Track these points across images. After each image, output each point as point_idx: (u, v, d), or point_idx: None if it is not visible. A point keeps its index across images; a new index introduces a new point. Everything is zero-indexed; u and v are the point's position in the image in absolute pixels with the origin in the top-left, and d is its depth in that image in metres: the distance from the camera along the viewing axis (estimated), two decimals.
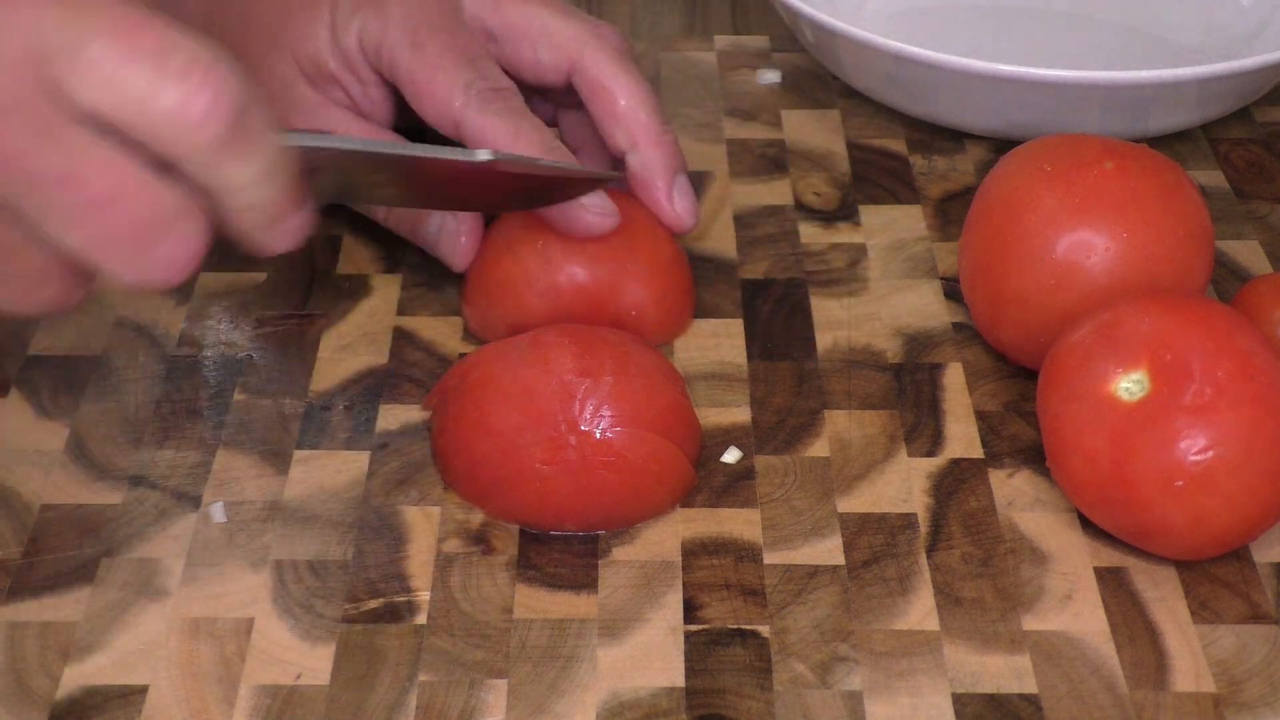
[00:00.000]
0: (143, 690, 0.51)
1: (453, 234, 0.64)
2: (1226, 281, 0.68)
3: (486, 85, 0.62)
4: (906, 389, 0.62)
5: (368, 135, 0.64)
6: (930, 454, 0.60)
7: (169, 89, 0.44)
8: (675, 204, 0.64)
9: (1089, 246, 0.59)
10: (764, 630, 0.53)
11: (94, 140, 0.44)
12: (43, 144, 0.44)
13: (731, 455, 0.59)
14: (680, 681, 0.51)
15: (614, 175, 0.63)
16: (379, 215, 0.67)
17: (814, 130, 0.78)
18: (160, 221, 0.45)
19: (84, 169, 0.44)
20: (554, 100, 0.68)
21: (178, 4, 0.66)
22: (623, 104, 0.64)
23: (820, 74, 0.82)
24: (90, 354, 0.64)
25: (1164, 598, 0.54)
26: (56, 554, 0.55)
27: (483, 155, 0.55)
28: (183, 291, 0.66)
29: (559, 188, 0.61)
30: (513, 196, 0.61)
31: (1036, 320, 0.60)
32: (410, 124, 0.65)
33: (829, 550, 0.56)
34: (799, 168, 0.75)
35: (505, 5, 0.65)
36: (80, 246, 0.45)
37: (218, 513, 0.57)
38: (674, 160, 0.65)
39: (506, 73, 0.64)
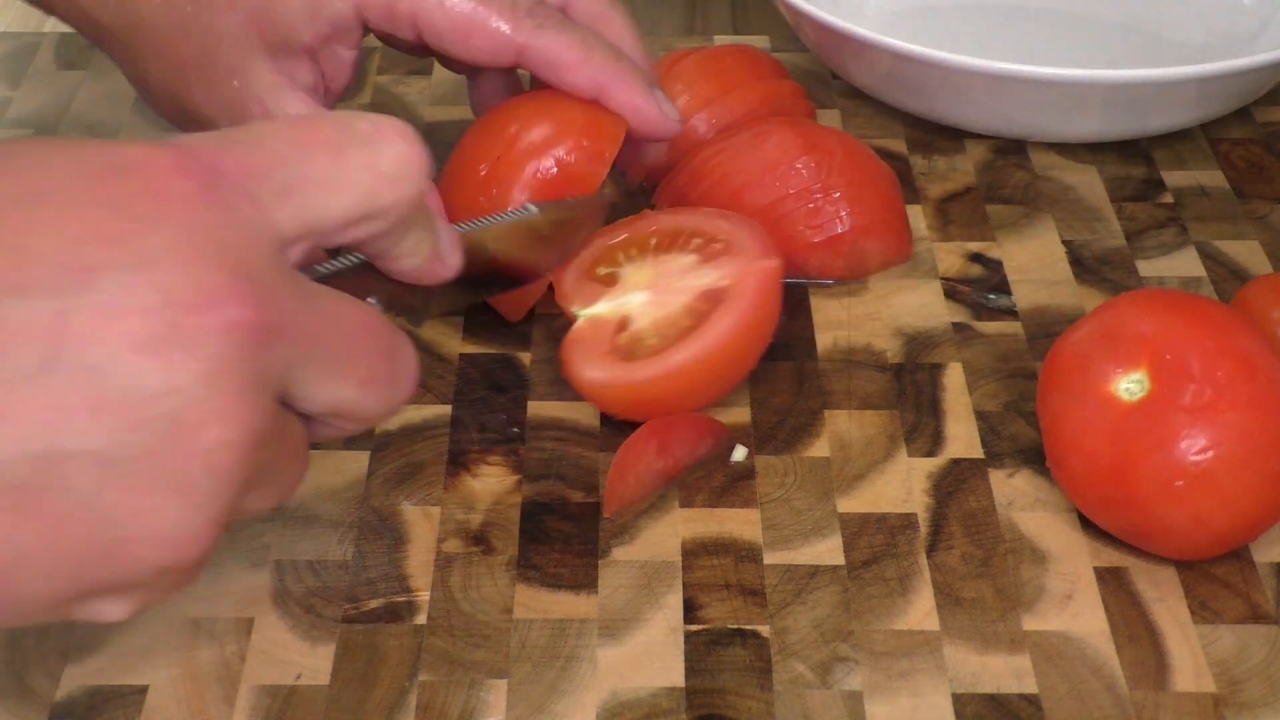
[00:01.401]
0: (143, 690, 0.51)
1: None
2: (1226, 281, 0.68)
3: (530, 2, 0.61)
4: (906, 389, 0.62)
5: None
6: (930, 454, 0.60)
7: (383, 149, 0.44)
8: (661, 107, 0.63)
9: None
10: (764, 630, 0.53)
11: (319, 287, 0.44)
12: (300, 305, 0.43)
13: (740, 453, 0.59)
14: (680, 681, 0.51)
15: (606, 198, 0.63)
16: None
17: None
18: (393, 338, 0.46)
19: (333, 312, 0.44)
20: None
21: None
22: (611, 39, 0.63)
23: (820, 74, 0.82)
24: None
25: (1164, 598, 0.54)
26: None
27: (532, 209, 0.58)
28: None
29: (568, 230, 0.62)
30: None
31: None
32: None
33: (829, 550, 0.56)
34: None
35: None
36: (350, 395, 0.45)
37: None
38: (652, 76, 0.64)
39: None
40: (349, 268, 0.49)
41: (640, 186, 0.73)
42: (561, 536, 0.56)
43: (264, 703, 0.50)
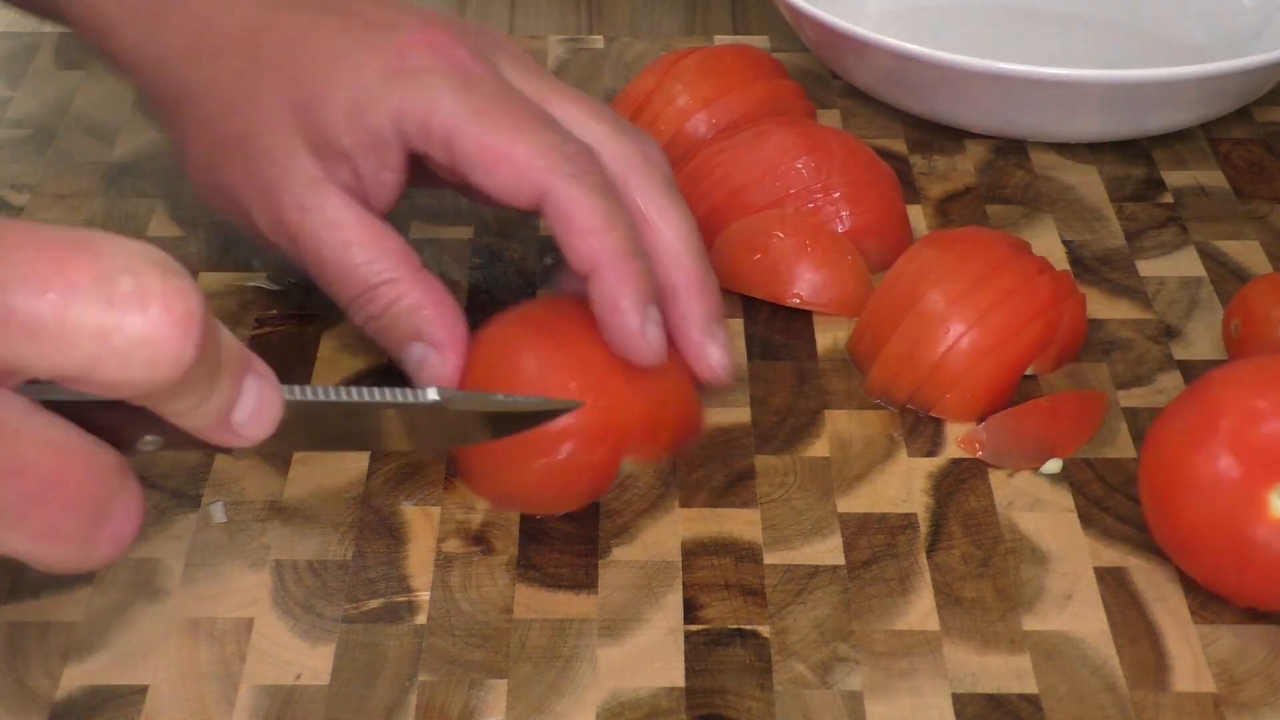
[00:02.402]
0: (143, 690, 0.51)
1: (434, 363, 0.56)
2: (1226, 281, 0.68)
3: (574, 147, 0.55)
4: None
5: (366, 224, 0.57)
6: (930, 454, 0.60)
7: (127, 323, 0.38)
8: (711, 360, 0.57)
9: None
10: (764, 630, 0.53)
11: (30, 416, 0.39)
12: None
13: (1053, 466, 0.59)
14: (680, 681, 0.51)
15: (574, 405, 0.53)
16: (361, 320, 0.58)
17: None
18: (107, 495, 0.41)
19: (29, 455, 0.39)
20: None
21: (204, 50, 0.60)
22: (666, 242, 0.56)
23: (820, 74, 0.82)
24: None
25: (1164, 598, 0.54)
26: None
27: (432, 395, 0.50)
28: None
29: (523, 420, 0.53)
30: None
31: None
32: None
33: (829, 550, 0.56)
34: None
35: (549, 94, 0.58)
36: (23, 543, 0.40)
37: (218, 512, 0.57)
38: (716, 309, 0.57)
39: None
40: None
41: None
42: (561, 536, 0.56)
43: (264, 703, 0.50)
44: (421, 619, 0.53)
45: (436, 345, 0.56)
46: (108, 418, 0.42)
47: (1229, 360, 0.62)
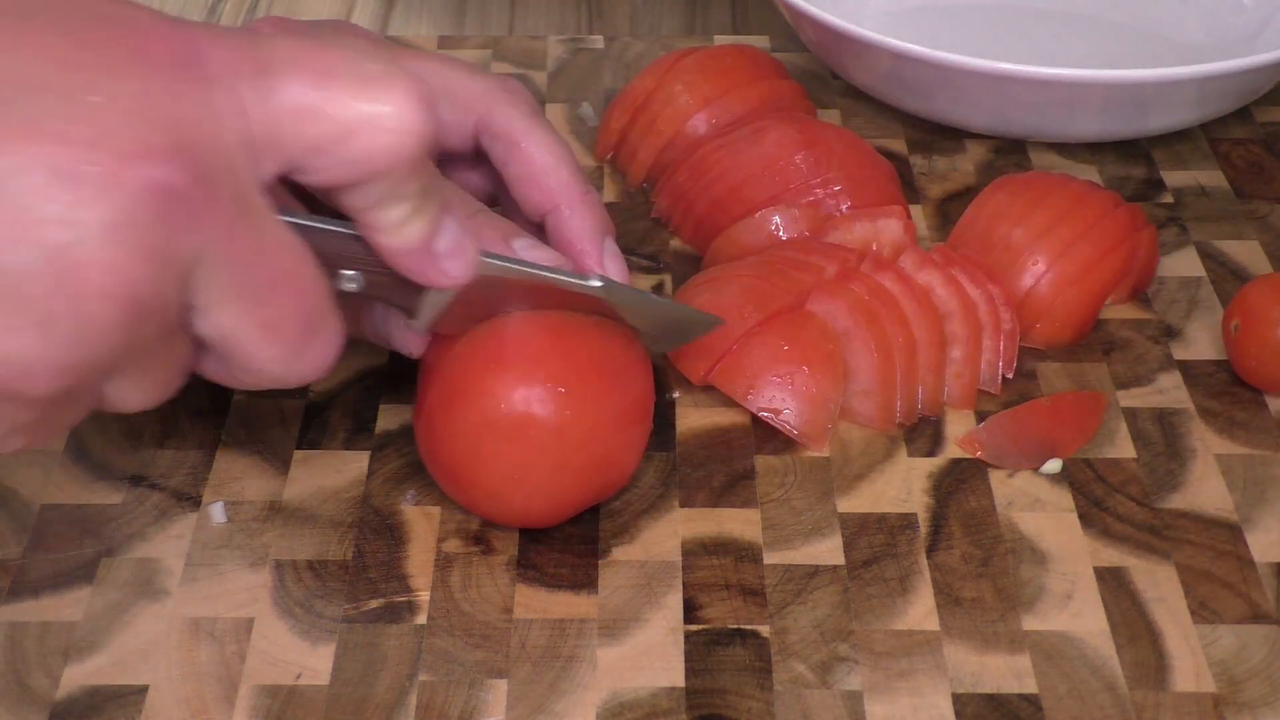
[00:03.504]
0: (143, 690, 0.51)
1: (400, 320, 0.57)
2: (1226, 281, 0.68)
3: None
4: None
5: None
6: (930, 454, 0.60)
7: (383, 97, 0.43)
8: (606, 269, 0.59)
9: None
10: (764, 630, 0.53)
11: (271, 213, 0.43)
12: (239, 215, 0.42)
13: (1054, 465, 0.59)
14: (680, 681, 0.51)
15: (716, 320, 0.59)
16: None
17: None
18: (321, 313, 0.44)
19: (272, 246, 0.43)
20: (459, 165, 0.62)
21: None
22: (540, 161, 0.59)
23: (820, 74, 0.82)
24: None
25: (1164, 598, 0.54)
26: (56, 554, 0.55)
27: (595, 283, 0.53)
28: None
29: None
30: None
31: None
32: None
33: (829, 550, 0.56)
34: None
35: (402, 61, 0.56)
36: (247, 332, 0.43)
37: (218, 513, 0.57)
38: (602, 222, 0.59)
39: None
40: (337, 229, 0.48)
41: (640, 186, 0.73)
42: (561, 536, 0.56)
43: (264, 703, 0.50)
44: (421, 619, 0.53)
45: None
46: (322, 244, 0.46)
47: (1229, 360, 0.62)
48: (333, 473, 0.59)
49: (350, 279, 0.49)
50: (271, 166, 0.43)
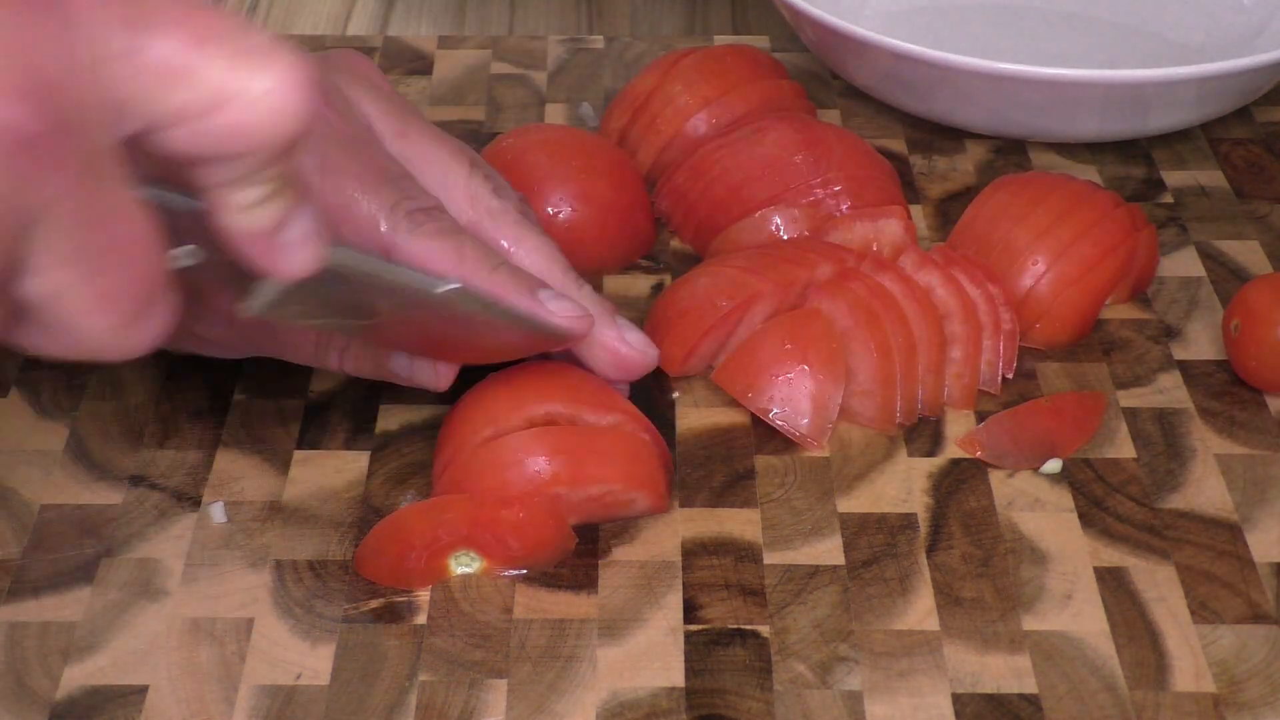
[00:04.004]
0: (143, 690, 0.51)
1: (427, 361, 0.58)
2: (1226, 281, 0.68)
3: (415, 205, 0.57)
4: None
5: None
6: (930, 454, 0.60)
7: (260, 73, 0.40)
8: (631, 343, 0.59)
9: None
10: (764, 630, 0.53)
11: (121, 180, 0.40)
12: (89, 173, 0.38)
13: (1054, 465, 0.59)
14: (680, 681, 0.51)
15: (584, 332, 0.57)
16: (333, 364, 0.59)
17: None
18: (158, 287, 0.41)
19: (120, 212, 0.40)
20: None
21: None
22: (529, 264, 0.58)
23: (820, 74, 0.82)
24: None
25: (1164, 598, 0.54)
26: (56, 554, 0.55)
27: (452, 285, 0.51)
28: None
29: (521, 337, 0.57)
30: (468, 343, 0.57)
31: None
32: None
33: (829, 550, 0.56)
34: None
35: (412, 132, 0.60)
36: (80, 300, 0.40)
37: (218, 513, 0.57)
38: (605, 304, 0.59)
39: None
40: (185, 204, 0.44)
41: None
42: None
43: (264, 703, 0.50)
44: (421, 619, 0.53)
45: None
46: (161, 215, 0.42)
47: (1229, 360, 0.62)
48: (333, 473, 0.59)
49: (187, 254, 0.46)
50: (129, 126, 0.40)
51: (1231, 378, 0.63)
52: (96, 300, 0.40)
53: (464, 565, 0.54)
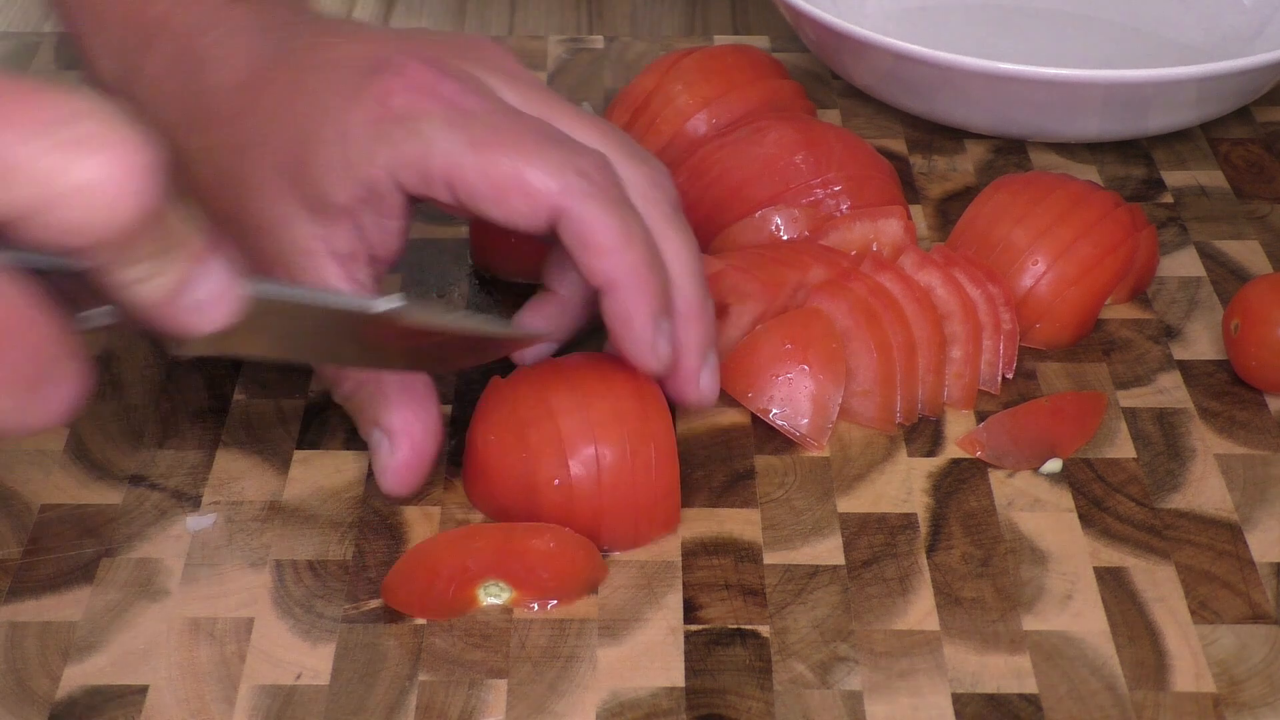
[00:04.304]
0: (143, 690, 0.51)
1: (384, 452, 0.56)
2: (1226, 281, 0.68)
3: (586, 162, 0.54)
4: None
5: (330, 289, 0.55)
6: (930, 454, 0.60)
7: (87, 160, 0.37)
8: (703, 386, 0.57)
9: None
10: (764, 630, 0.53)
11: None
12: None
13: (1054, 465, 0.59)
14: (680, 681, 0.51)
15: (543, 334, 0.57)
16: (338, 396, 0.58)
17: None
18: (53, 360, 0.39)
19: None
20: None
21: (177, 147, 0.58)
22: (668, 267, 0.56)
23: (820, 74, 0.82)
24: (90, 354, 0.63)
25: (1164, 598, 0.54)
26: (56, 554, 0.55)
27: (383, 305, 0.49)
28: None
29: (481, 347, 0.56)
30: (427, 354, 0.55)
31: None
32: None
33: (829, 550, 0.56)
34: None
35: (558, 115, 0.57)
36: None
37: (194, 523, 0.56)
38: (711, 335, 0.57)
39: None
40: (72, 269, 0.40)
41: None
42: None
43: (264, 703, 0.50)
44: (421, 619, 0.53)
45: (391, 434, 0.56)
46: (65, 287, 0.41)
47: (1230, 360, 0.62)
48: (333, 473, 0.59)
49: (102, 315, 0.43)
50: None
51: (1231, 378, 0.63)
52: None
53: (493, 596, 0.54)
